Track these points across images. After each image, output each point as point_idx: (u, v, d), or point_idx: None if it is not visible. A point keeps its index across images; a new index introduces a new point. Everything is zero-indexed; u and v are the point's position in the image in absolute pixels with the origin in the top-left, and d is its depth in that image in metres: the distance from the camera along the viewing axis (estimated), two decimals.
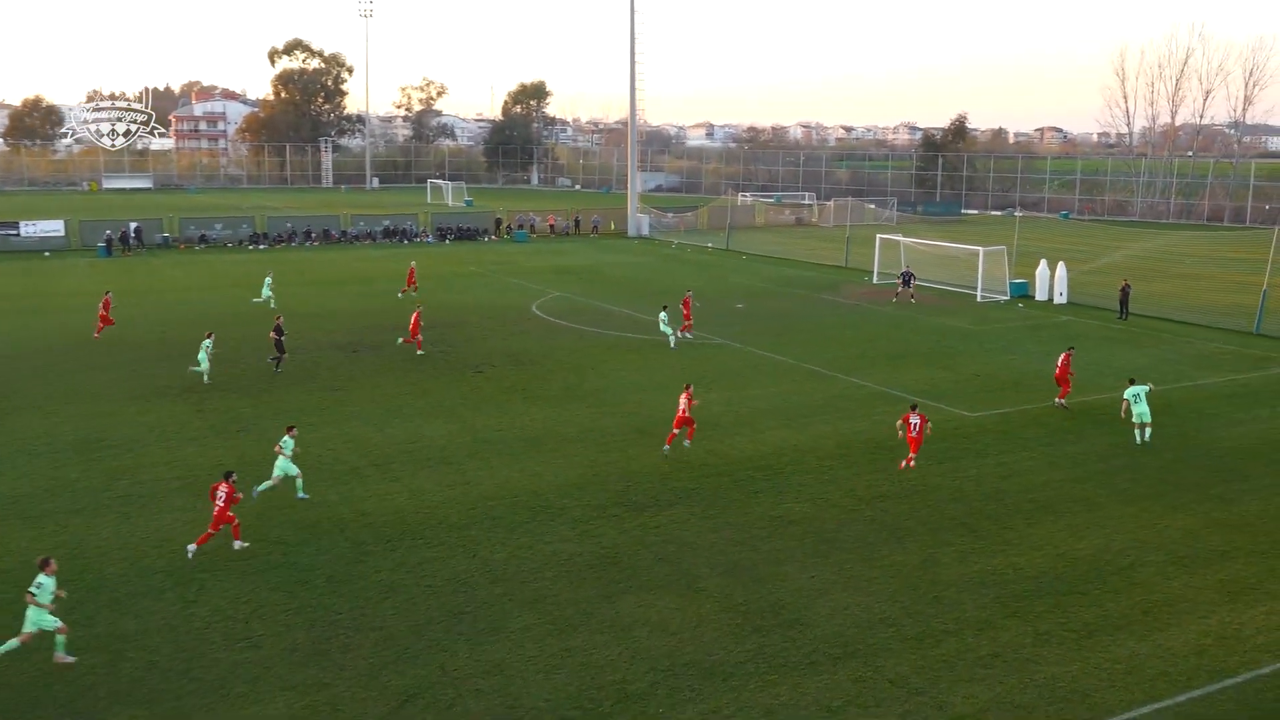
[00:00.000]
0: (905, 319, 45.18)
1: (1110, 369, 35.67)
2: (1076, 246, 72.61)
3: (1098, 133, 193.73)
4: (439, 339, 39.45)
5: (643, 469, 24.16)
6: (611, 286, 54.24)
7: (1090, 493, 23.01)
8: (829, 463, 24.78)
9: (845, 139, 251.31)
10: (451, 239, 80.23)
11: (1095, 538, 20.49)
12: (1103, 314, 47.30)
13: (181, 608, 17.37)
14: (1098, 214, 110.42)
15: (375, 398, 30.49)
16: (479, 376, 33.39)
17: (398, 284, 54.94)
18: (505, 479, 23.39)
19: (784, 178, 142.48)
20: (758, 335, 40.68)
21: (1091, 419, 29.02)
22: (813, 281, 57.61)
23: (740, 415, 29.00)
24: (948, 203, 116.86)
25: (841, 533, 20.58)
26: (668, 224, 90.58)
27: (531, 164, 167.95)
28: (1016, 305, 49.51)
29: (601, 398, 30.76)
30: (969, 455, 25.51)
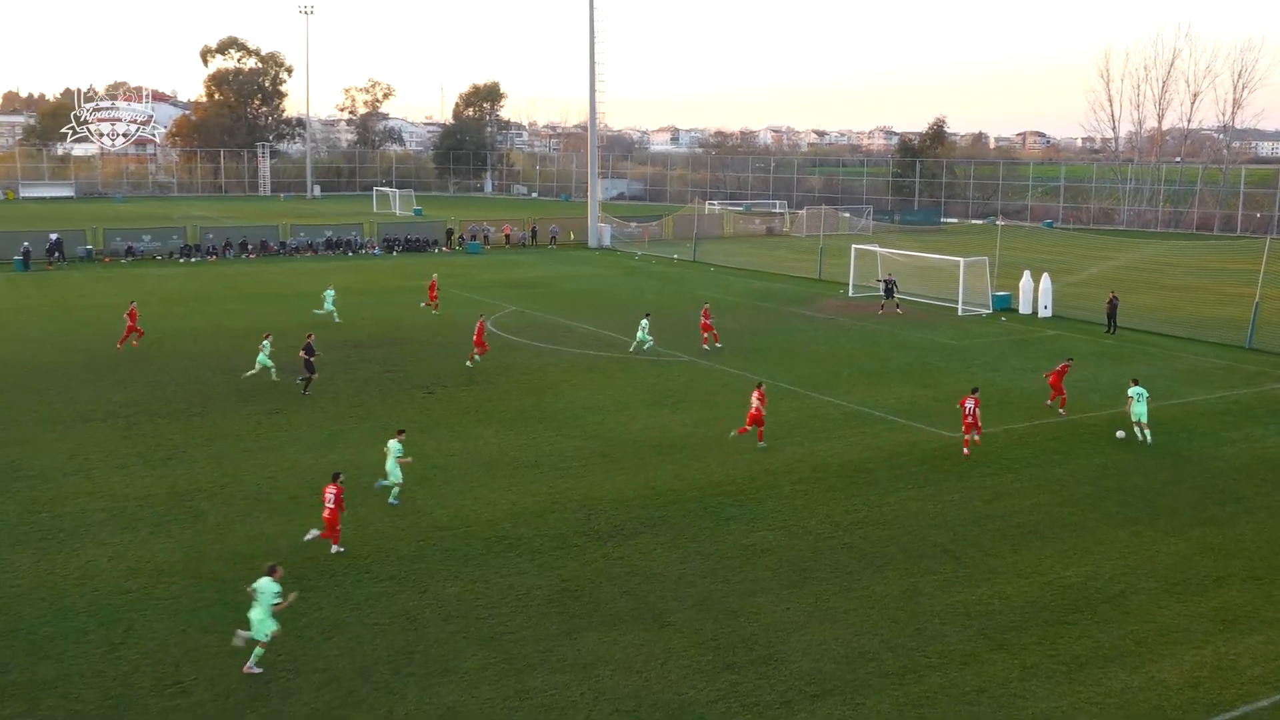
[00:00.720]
0: (882, 334, 45.54)
1: (1099, 386, 36.11)
2: (1061, 257, 73.61)
3: (1082, 138, 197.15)
4: (385, 358, 39.22)
5: (605, 495, 24.13)
6: (571, 301, 54.25)
7: (1079, 517, 23.26)
8: (804, 487, 24.87)
9: (818, 144, 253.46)
10: (399, 251, 79.95)
11: (1084, 564, 20.70)
12: (1089, 328, 47.93)
13: (107, 651, 17.08)
14: (1083, 223, 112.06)
15: (316, 421, 30.27)
16: (429, 398, 33.24)
17: (342, 297, 54.57)
18: (458, 508, 23.26)
19: (753, 185, 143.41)
20: (727, 352, 40.82)
21: (1079, 439, 29.35)
22: (784, 294, 57.95)
23: (709, 437, 29.05)
24: (926, 211, 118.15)
25: (818, 562, 20.64)
26: (631, 234, 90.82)
27: (485, 170, 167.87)
28: (999, 319, 50.07)
29: (561, 419, 30.72)
30: (951, 478, 25.71)
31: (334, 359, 38.90)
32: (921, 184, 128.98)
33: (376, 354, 39.91)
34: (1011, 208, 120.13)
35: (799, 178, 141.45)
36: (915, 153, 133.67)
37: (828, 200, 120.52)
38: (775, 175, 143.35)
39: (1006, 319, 50.14)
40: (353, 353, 40.21)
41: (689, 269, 70.46)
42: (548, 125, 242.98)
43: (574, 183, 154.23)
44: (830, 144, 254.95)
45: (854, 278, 58.51)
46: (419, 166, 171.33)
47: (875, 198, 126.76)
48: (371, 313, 49.87)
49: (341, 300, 53.81)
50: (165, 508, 23.20)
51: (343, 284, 60.76)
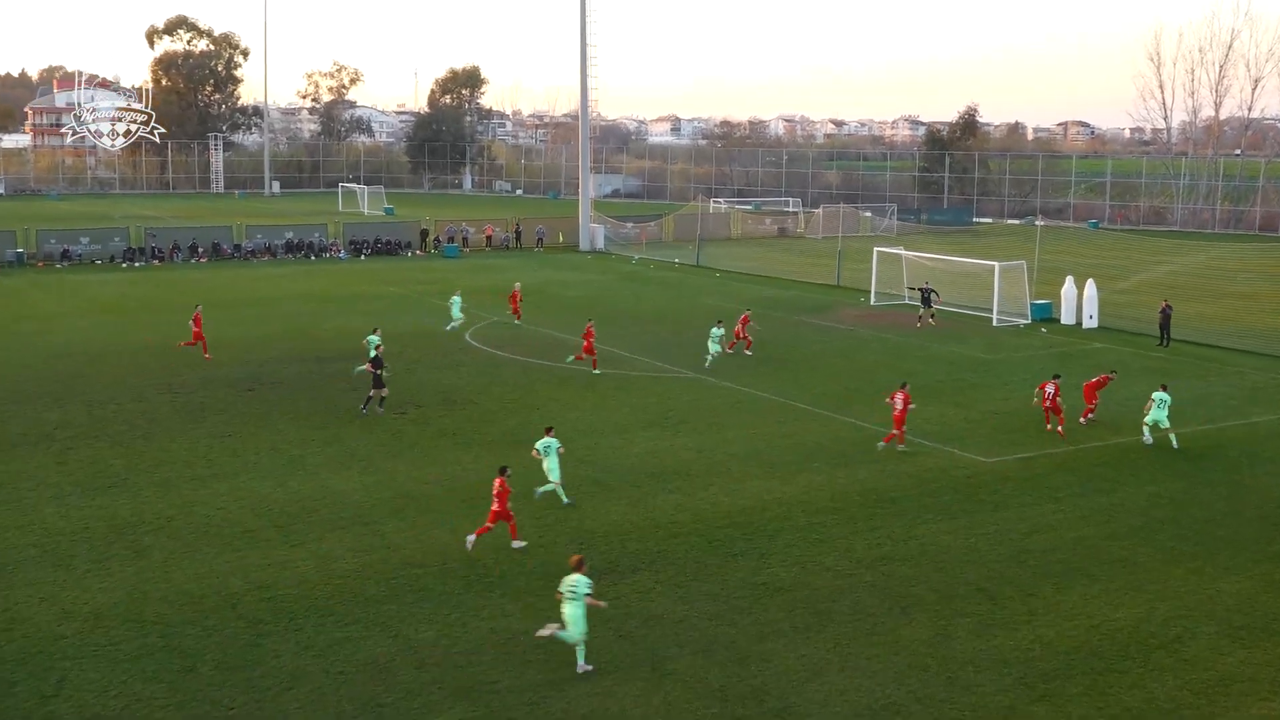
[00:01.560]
0: (909, 347, 45.58)
1: None
2: (1108, 261, 73.79)
3: (1130, 128, 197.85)
4: (349, 374, 39.19)
5: (599, 528, 24.09)
6: (561, 310, 54.29)
7: (1129, 551, 23.23)
8: (821, 519, 24.84)
9: (835, 135, 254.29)
10: (368, 254, 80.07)
11: (1136, 605, 20.67)
12: (1140, 340, 48.00)
13: (38, 704, 17.00)
14: (1132, 223, 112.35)
15: (275, 445, 30.23)
16: (401, 419, 33.20)
17: (304, 306, 54.59)
18: (433, 542, 23.21)
19: (764, 181, 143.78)
20: (735, 367, 40.82)
21: (1128, 464, 29.34)
22: (798, 303, 58.01)
23: (715, 462, 29.01)
24: (956, 210, 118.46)
25: (837, 603, 20.60)
26: (626, 236, 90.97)
27: (464, 165, 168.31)
28: (1039, 330, 50.15)
29: None
30: (986, 508, 25.68)
31: (295, 374, 38.89)
32: (951, 180, 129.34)
33: (342, 369, 39.85)
34: (1052, 206, 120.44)
35: (814, 173, 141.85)
36: (944, 145, 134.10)
37: (846, 198, 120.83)
38: (788, 170, 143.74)
39: (1047, 330, 50.21)
40: (316, 368, 40.20)
41: (692, 274, 70.55)
42: (534, 114, 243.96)
43: (563, 178, 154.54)
44: (849, 135, 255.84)
45: (876, 284, 58.62)
46: (390, 160, 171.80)
47: (900, 195, 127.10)
48: (337, 323, 49.89)
49: (304, 310, 53.82)
50: (104, 543, 23.14)
51: (304, 291, 60.81)
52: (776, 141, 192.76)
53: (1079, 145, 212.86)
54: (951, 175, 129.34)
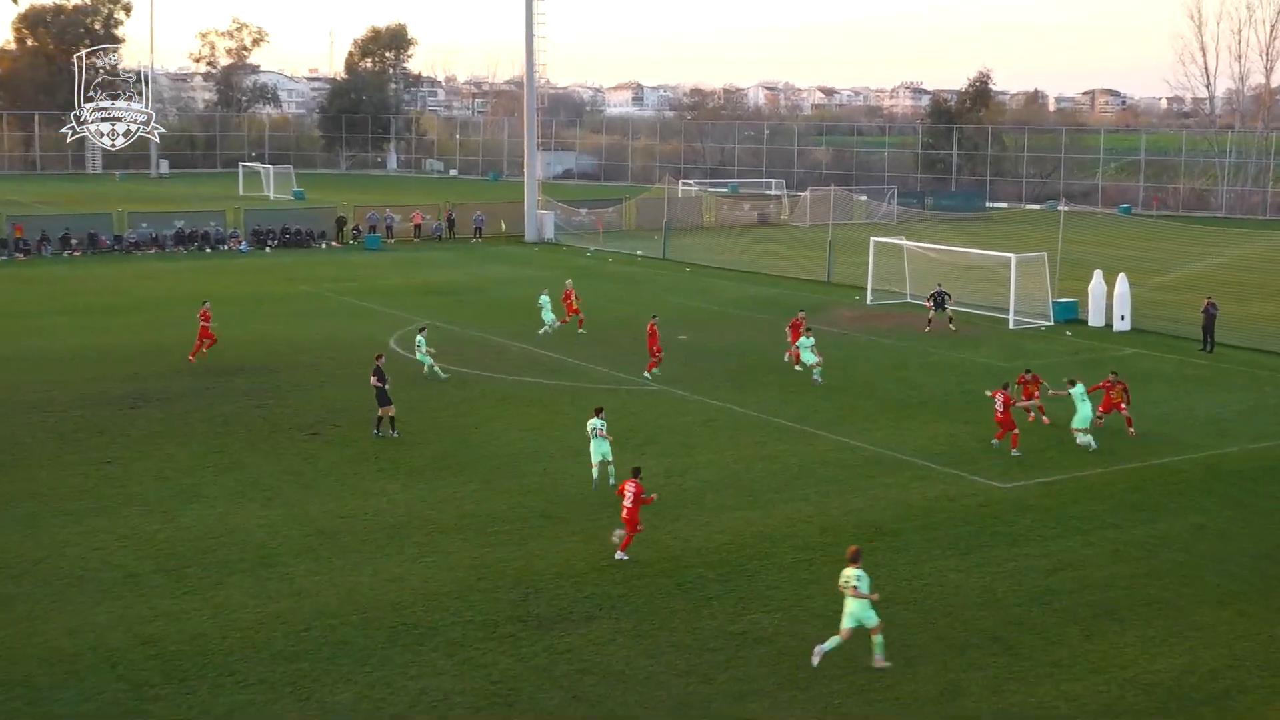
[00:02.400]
0: (912, 354, 45.81)
1: (1193, 419, 36.46)
2: (1143, 253, 74.45)
3: (1167, 97, 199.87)
4: (255, 389, 38.99)
5: (549, 569, 24.03)
6: (503, 312, 54.19)
7: (1168, 592, 23.40)
8: (809, 556, 24.88)
9: (825, 106, 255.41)
10: (274, 246, 79.68)
11: (1176, 654, 20.81)
12: (1180, 344, 48.46)
13: None
14: (1170, 208, 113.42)
15: (164, 473, 30.01)
16: (314, 441, 33.05)
17: (191, 309, 54.25)
18: (353, 586, 23.09)
19: (742, 159, 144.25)
20: (709, 378, 40.86)
21: (1168, 490, 29.59)
22: (783, 302, 58.15)
23: (685, 491, 29.01)
24: (966, 193, 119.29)
25: (828, 654, 20.61)
26: (581, 224, 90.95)
27: (388, 141, 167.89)
28: (1063, 334, 50.52)
29: (491, 468, 30.65)
30: (1002, 542, 25.81)
31: (187, 390, 38.62)
32: (960, 158, 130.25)
33: (244, 383, 39.63)
34: (1077, 188, 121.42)
35: (801, 150, 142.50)
36: (952, 117, 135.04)
37: (839, 179, 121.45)
38: (770, 147, 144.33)
39: (1072, 333, 50.60)
40: (213, 381, 39.96)
41: (658, 269, 70.62)
42: (471, 81, 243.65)
43: (505, 157, 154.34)
44: (841, 106, 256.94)
45: (873, 280, 58.88)
46: (300, 135, 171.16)
47: (900, 176, 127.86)
48: (238, 328, 49.57)
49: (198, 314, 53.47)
50: None
51: (198, 291, 60.40)
52: (756, 113, 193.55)
53: (1108, 118, 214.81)
54: (960, 153, 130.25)
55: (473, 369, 42.00)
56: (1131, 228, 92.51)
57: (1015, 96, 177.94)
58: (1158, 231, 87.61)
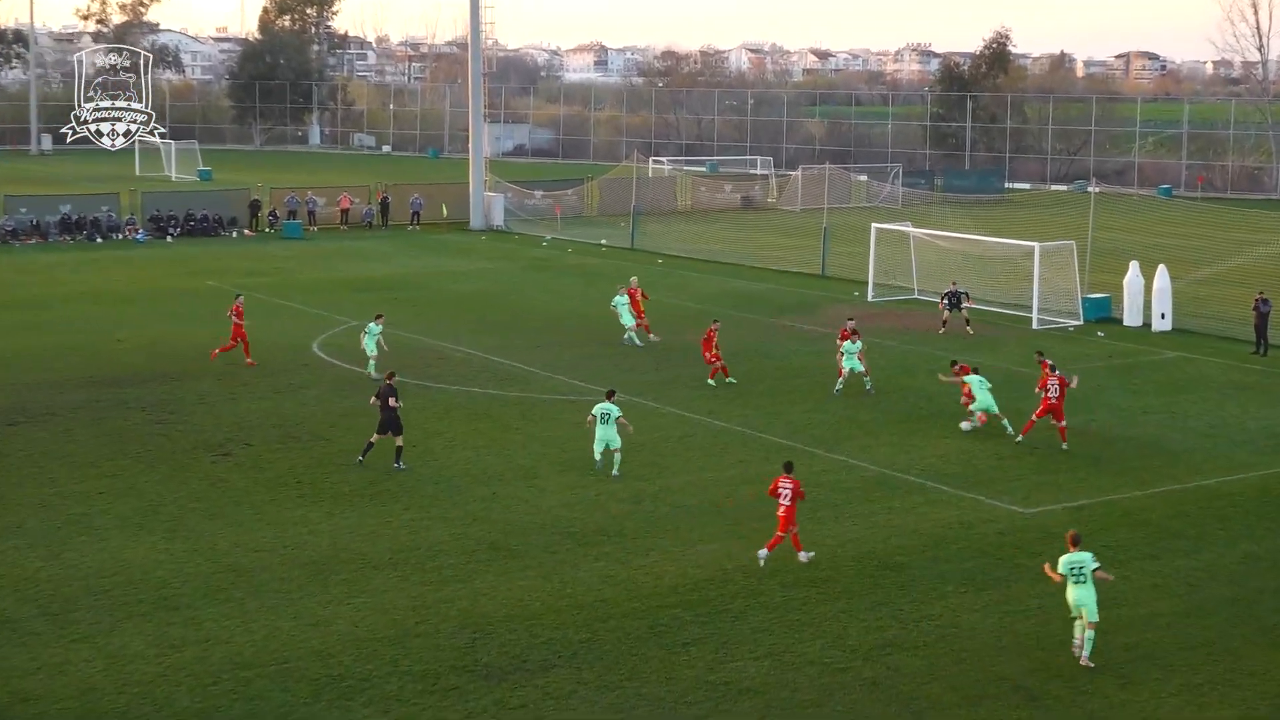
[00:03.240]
0: (919, 358, 45.92)
1: (1243, 434, 36.65)
2: (1186, 241, 74.75)
3: (1213, 61, 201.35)
4: (154, 402, 38.80)
5: (500, 610, 23.98)
6: (445, 311, 54.07)
7: (1216, 632, 23.50)
8: (802, 594, 24.91)
9: (818, 71, 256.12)
10: (176, 234, 79.28)
11: (1229, 704, 20.91)
12: (1229, 347, 48.74)
13: None
14: (1217, 189, 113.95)
15: (46, 501, 29.81)
16: (224, 463, 32.91)
17: (87, 308, 53.94)
18: (270, 632, 23.00)
19: (722, 133, 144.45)
20: (684, 387, 40.85)
21: (1215, 515, 29.75)
22: (771, 299, 58.27)
23: (657, 518, 29.00)
24: (982, 172, 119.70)
25: (824, 707, 20.67)
26: (535, 208, 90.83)
27: (309, 111, 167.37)
28: (1095, 334, 50.72)
29: (431, 494, 30.61)
30: (1024, 576, 25.89)
31: (75, 404, 38.38)
32: (976, 131, 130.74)
33: (141, 395, 39.43)
34: (1110, 166, 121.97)
35: (791, 122, 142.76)
36: (966, 84, 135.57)
37: (835, 156, 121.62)
38: (755, 118, 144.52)
39: (1105, 334, 50.81)
40: (104, 393, 39.75)
41: (625, 260, 70.53)
42: (406, 42, 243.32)
43: (447, 130, 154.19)
44: (837, 71, 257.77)
45: (875, 273, 59.00)
46: (207, 105, 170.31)
47: (906, 152, 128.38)
48: (134, 331, 49.34)
49: (87, 314, 53.19)
50: None
51: (87, 288, 60.10)
52: (739, 79, 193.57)
53: (1145, 85, 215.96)
54: (976, 125, 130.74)
55: (410, 377, 41.82)
56: (1173, 212, 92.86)
57: (1038, 60, 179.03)
58: (1203, 216, 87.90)
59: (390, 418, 32.39)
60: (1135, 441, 35.53)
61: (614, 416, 31.73)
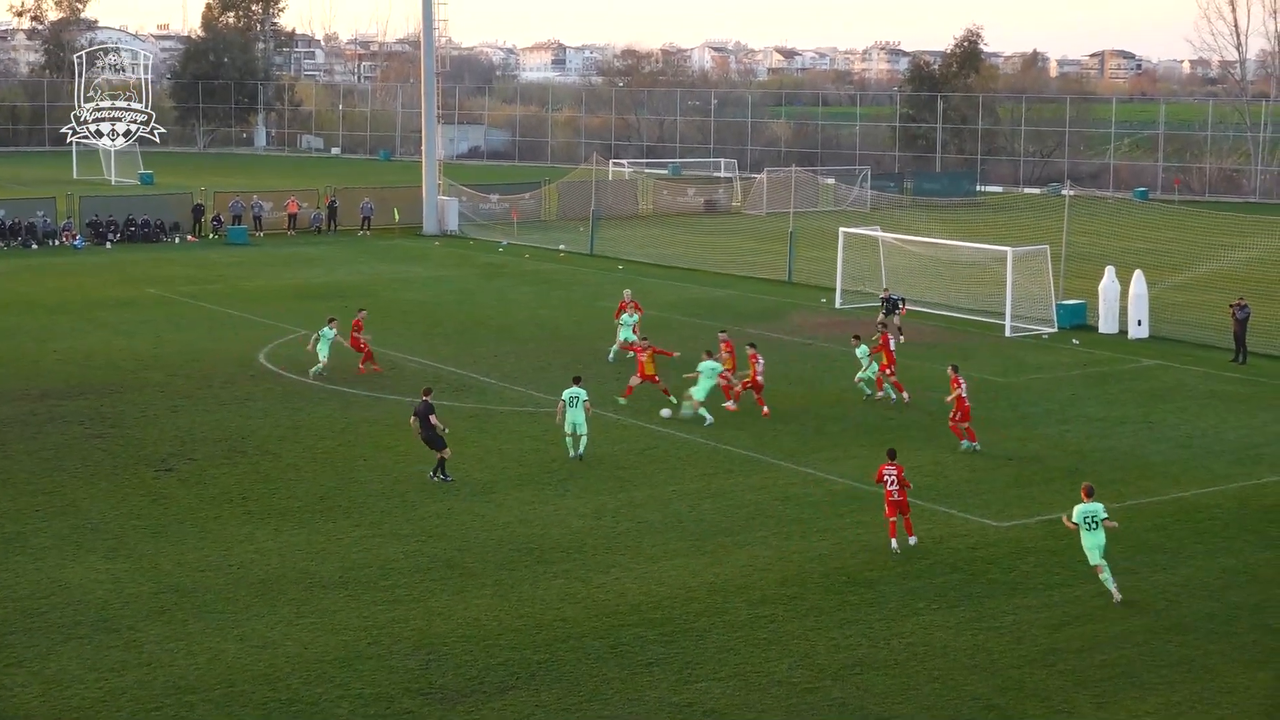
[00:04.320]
0: None
1: (1222, 444, 36.84)
2: (1163, 245, 75.13)
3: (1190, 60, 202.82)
4: (92, 414, 38.60)
5: (455, 630, 23.94)
6: (397, 319, 53.95)
7: (1194, 650, 23.61)
8: (769, 611, 24.94)
9: (784, 71, 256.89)
10: (116, 241, 78.86)
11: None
12: (1208, 355, 49.00)
13: None
14: (1194, 191, 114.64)
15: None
16: (167, 478, 32.77)
17: (21, 319, 53.64)
18: (215, 655, 22.90)
19: (684, 134, 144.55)
20: (645, 398, 40.87)
21: (1194, 528, 29.90)
22: (736, 306, 58.28)
23: (618, 534, 29.01)
24: (953, 175, 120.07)
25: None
26: (491, 212, 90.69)
27: (255, 112, 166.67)
28: (1069, 341, 50.93)
29: (382, 510, 30.55)
30: (1000, 591, 26.00)
31: (7, 417, 38.14)
32: (946, 133, 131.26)
33: (79, 409, 39.20)
34: (1085, 169, 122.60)
35: (755, 123, 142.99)
36: (936, 84, 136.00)
37: (802, 158, 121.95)
38: (718, 119, 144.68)
39: (1080, 341, 51.03)
40: (40, 406, 39.51)
41: (585, 267, 70.55)
42: (356, 40, 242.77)
43: (399, 132, 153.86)
44: (803, 70, 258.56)
45: (843, 279, 59.14)
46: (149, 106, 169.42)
47: (875, 154, 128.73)
48: (72, 342, 49.06)
49: (21, 325, 52.88)
50: None
51: (20, 297, 59.73)
52: (702, 79, 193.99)
53: (1120, 85, 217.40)
54: (947, 127, 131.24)
55: (360, 388, 41.75)
56: (1149, 215, 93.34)
57: (1010, 59, 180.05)
58: (1180, 220, 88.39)
59: (431, 436, 32.36)
60: (1111, 453, 35.68)
61: (581, 400, 33.65)
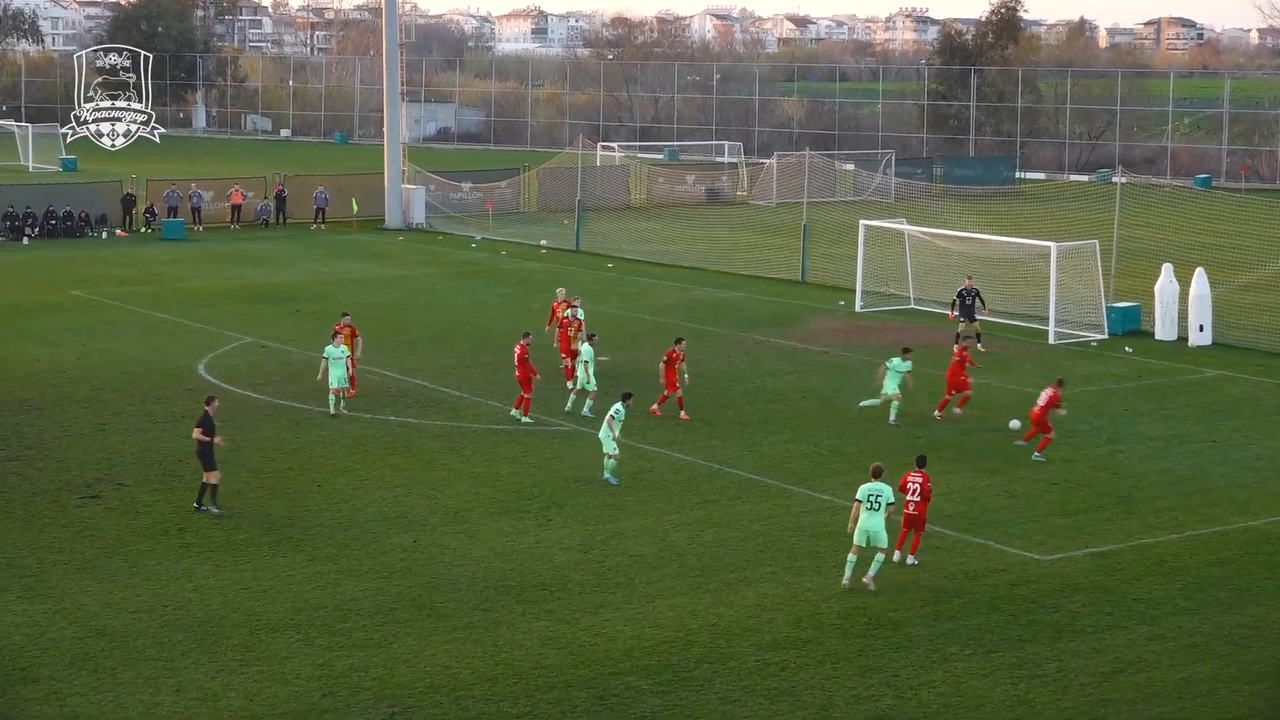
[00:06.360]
0: (917, 378, 45.90)
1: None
2: (1227, 240, 75.20)
3: (1258, 29, 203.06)
4: (7, 434, 38.57)
5: (423, 678, 23.93)
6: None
7: (1265, 700, 23.61)
8: (779, 657, 24.93)
9: (796, 42, 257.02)
10: (34, 235, 78.75)
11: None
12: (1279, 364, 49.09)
13: None
14: (1264, 178, 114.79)
15: None
16: (93, 507, 32.72)
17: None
18: (148, 708, 22.87)
19: (683, 114, 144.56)
20: (639, 414, 40.86)
21: (1264, 561, 29.90)
22: (742, 310, 58.29)
23: (608, 569, 29.00)
24: (989, 160, 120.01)
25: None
26: (463, 203, 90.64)
27: (194, 89, 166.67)
28: (1122, 350, 50.94)
29: (340, 542, 30.54)
30: (1043, 635, 25.99)
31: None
32: (981, 112, 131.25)
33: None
34: (1138, 153, 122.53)
35: (764, 101, 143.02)
36: (969, 57, 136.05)
37: (816, 141, 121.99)
38: (722, 97, 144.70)
39: (1133, 349, 51.02)
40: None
41: (569, 265, 70.51)
42: (308, 8, 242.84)
43: (357, 112, 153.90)
44: (819, 41, 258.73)
45: (863, 279, 59.12)
46: (71, 82, 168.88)
47: (900, 137, 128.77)
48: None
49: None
50: None
51: None
52: (703, 52, 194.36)
53: (1179, 57, 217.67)
54: (981, 105, 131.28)
55: (313, 404, 41.71)
56: (1212, 206, 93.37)
57: (1054, 28, 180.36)
58: (1247, 210, 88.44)
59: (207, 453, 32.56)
60: (1169, 476, 35.69)
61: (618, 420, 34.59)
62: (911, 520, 28.54)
